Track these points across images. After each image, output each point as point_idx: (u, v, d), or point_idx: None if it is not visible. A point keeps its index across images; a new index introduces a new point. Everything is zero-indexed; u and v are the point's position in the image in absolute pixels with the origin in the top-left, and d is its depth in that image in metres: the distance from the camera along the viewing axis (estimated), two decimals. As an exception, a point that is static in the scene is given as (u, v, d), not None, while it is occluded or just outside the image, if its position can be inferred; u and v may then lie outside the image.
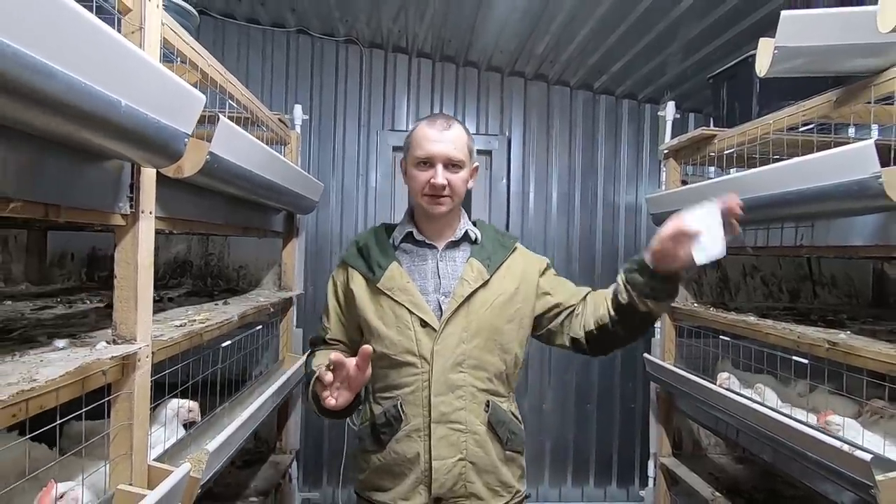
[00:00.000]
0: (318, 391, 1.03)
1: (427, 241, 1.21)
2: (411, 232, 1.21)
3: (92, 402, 0.93)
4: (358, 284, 1.19)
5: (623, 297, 1.10)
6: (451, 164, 1.14)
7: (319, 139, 3.08)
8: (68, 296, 1.78)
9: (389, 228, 1.26)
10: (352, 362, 0.99)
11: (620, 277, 1.12)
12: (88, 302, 1.63)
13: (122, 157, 0.88)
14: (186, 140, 0.93)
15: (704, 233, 0.96)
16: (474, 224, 1.26)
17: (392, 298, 1.14)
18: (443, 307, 1.15)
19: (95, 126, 0.69)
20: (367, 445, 1.19)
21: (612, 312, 1.13)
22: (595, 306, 1.18)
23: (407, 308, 1.13)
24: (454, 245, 1.22)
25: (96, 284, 2.15)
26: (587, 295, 1.22)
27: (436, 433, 1.11)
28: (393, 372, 1.15)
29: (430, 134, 1.14)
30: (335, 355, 0.99)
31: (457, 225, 1.23)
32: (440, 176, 1.13)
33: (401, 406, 1.13)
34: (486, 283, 1.16)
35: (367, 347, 0.99)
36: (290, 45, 3.07)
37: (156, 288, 2.12)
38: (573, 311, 1.21)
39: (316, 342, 1.28)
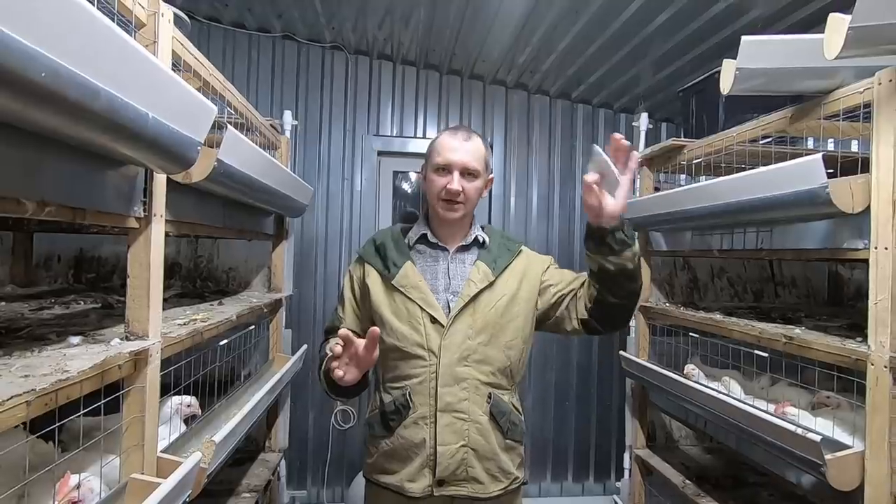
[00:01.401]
0: (329, 363, 1.09)
1: (440, 244, 1.30)
2: (426, 234, 1.30)
3: (97, 399, 0.98)
4: (373, 280, 1.28)
5: (593, 266, 1.18)
6: (468, 173, 1.23)
7: (305, 143, 3.12)
8: (58, 297, 1.79)
9: (405, 229, 1.34)
10: (361, 342, 1.06)
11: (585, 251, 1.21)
12: (83, 303, 1.66)
13: (139, 163, 0.94)
14: (199, 148, 0.99)
15: (606, 178, 1.05)
16: (483, 229, 1.35)
17: (405, 295, 1.23)
18: (451, 305, 1.23)
19: (126, 137, 0.75)
20: (376, 431, 1.26)
21: (595, 283, 1.20)
22: (588, 286, 1.25)
23: (419, 305, 1.22)
24: (464, 248, 1.31)
25: (84, 286, 2.16)
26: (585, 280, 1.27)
27: (441, 421, 1.19)
28: (403, 363, 1.23)
29: (450, 143, 1.24)
30: (344, 331, 1.06)
31: (468, 230, 1.32)
32: (456, 182, 1.21)
33: (409, 395, 1.22)
34: (491, 285, 1.24)
35: (375, 329, 1.04)
36: (276, 50, 3.11)
37: (145, 289, 2.14)
38: (575, 294, 1.27)
39: (330, 330, 1.34)
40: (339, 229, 3.16)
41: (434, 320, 1.21)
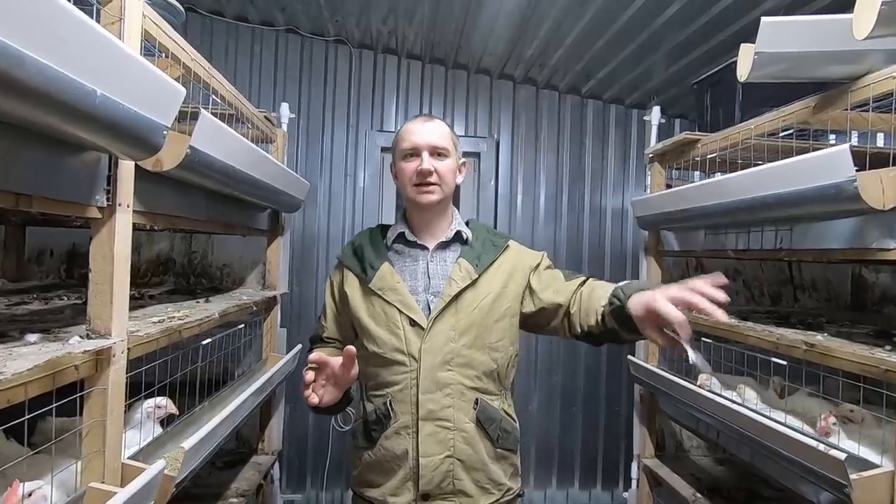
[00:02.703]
0: (301, 389, 1.06)
1: (418, 242, 1.22)
2: (403, 233, 1.23)
3: (67, 397, 0.92)
4: (351, 285, 1.22)
5: (608, 323, 1.06)
6: (437, 153, 1.17)
7: (307, 139, 3.07)
8: (46, 293, 1.75)
9: (385, 229, 1.28)
10: (336, 361, 1.03)
11: (606, 306, 1.06)
12: (66, 298, 1.61)
13: (98, 148, 0.87)
14: (166, 133, 0.92)
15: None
16: (468, 224, 1.28)
17: (383, 298, 1.16)
18: (431, 307, 1.16)
19: (68, 115, 0.68)
20: (359, 442, 1.21)
21: (602, 326, 1.09)
22: (587, 311, 1.12)
23: (396, 307, 1.15)
24: (445, 246, 1.23)
25: (76, 282, 2.11)
26: (582, 287, 1.17)
27: (423, 430, 1.12)
28: (384, 370, 1.16)
29: (412, 127, 1.19)
30: (315, 354, 1.03)
31: (448, 224, 1.24)
32: (426, 162, 1.15)
33: (390, 403, 1.15)
34: (474, 283, 1.17)
35: (350, 348, 1.02)
36: (279, 43, 3.06)
37: (138, 286, 2.10)
38: (567, 309, 1.17)
39: (314, 340, 1.31)
40: (342, 227, 3.10)
41: (413, 323, 1.14)
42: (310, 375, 1.03)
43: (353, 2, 2.63)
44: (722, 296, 0.88)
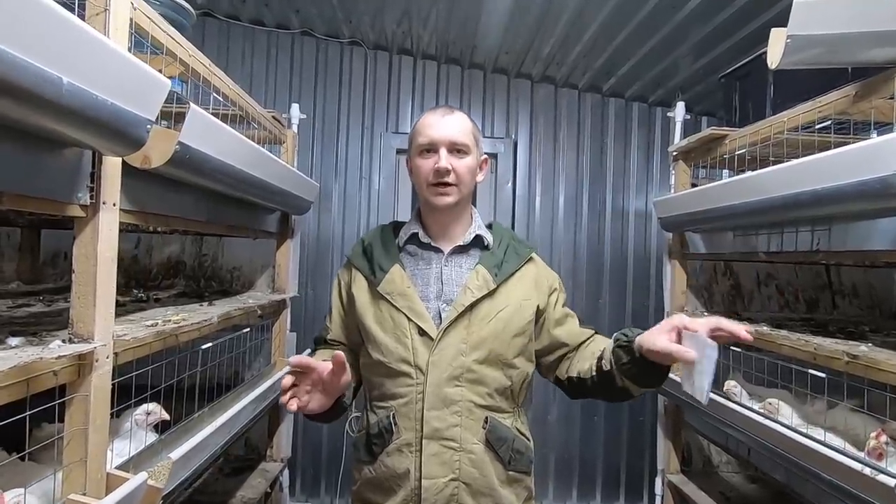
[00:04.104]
0: (281, 396, 0.99)
1: (433, 245, 1.14)
2: (417, 233, 1.15)
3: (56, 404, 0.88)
4: (359, 286, 1.15)
5: (605, 366, 1.04)
6: (456, 150, 1.09)
7: (322, 141, 3.05)
8: (55, 295, 1.75)
9: (398, 227, 1.21)
10: (323, 366, 0.95)
11: (609, 345, 1.06)
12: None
13: (75, 142, 0.83)
14: (149, 127, 0.88)
15: (698, 367, 0.88)
16: (490, 227, 1.20)
17: (391, 303, 1.09)
18: (443, 316, 1.08)
19: (26, 103, 0.64)
20: (360, 455, 1.14)
21: (594, 373, 1.07)
22: (583, 358, 1.12)
23: (405, 314, 1.08)
24: (462, 250, 1.15)
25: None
26: (586, 340, 1.16)
27: (427, 450, 1.04)
28: (389, 381, 1.09)
29: (430, 120, 1.10)
30: (295, 357, 0.97)
31: (466, 227, 1.16)
32: (444, 160, 1.07)
33: (393, 418, 1.08)
34: (491, 293, 1.09)
35: (339, 353, 0.95)
36: (295, 46, 3.05)
37: (148, 288, 2.09)
38: (567, 354, 1.16)
39: (318, 341, 1.25)
40: (357, 230, 3.06)
41: (422, 332, 1.06)
42: (287, 380, 0.94)
43: (368, 3, 2.60)
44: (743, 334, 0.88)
